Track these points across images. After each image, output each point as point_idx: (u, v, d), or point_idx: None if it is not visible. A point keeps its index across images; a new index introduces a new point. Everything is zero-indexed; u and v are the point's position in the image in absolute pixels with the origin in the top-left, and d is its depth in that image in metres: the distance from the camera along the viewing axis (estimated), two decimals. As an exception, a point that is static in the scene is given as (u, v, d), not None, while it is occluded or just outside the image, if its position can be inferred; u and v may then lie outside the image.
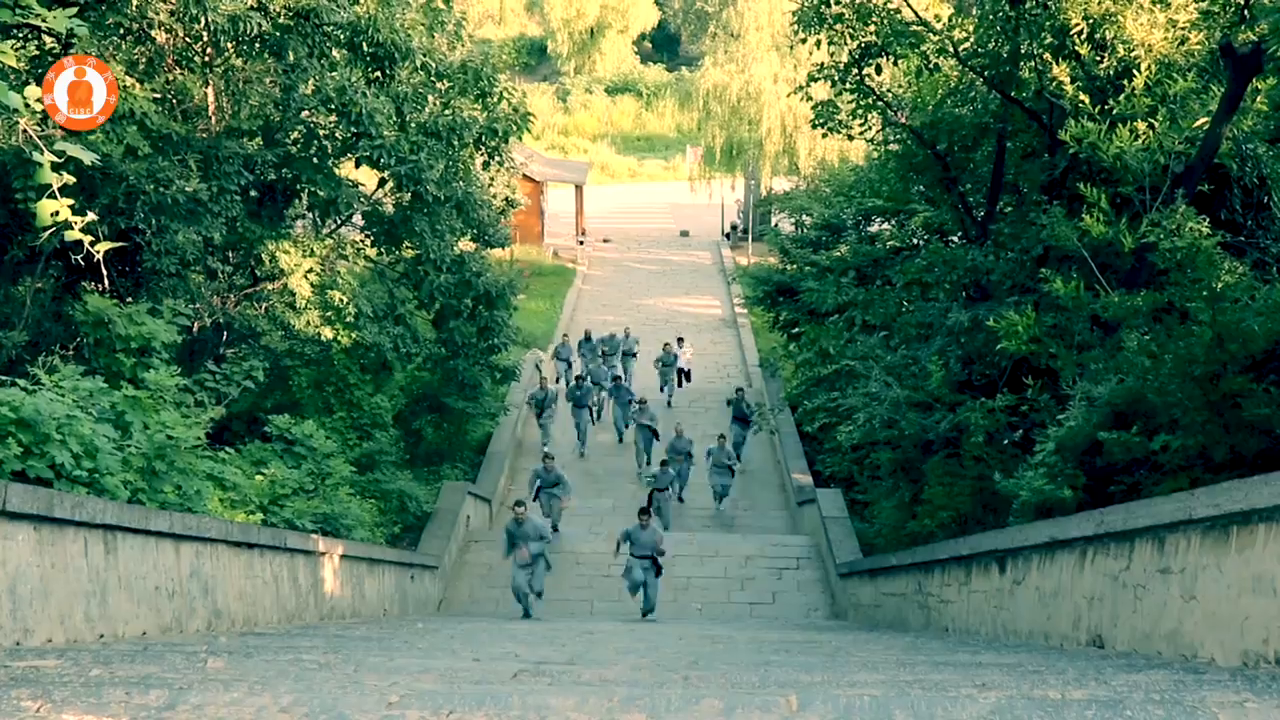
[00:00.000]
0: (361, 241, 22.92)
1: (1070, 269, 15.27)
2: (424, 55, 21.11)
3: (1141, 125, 14.80)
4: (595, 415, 31.18)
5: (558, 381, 33.27)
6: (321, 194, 21.02)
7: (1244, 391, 11.14)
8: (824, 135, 21.88)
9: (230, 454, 15.80)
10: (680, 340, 35.48)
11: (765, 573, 22.40)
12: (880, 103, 19.97)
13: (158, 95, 17.70)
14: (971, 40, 17.78)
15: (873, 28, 18.42)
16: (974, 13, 18.22)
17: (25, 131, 13.15)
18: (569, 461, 28.75)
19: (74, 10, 8.41)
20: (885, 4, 18.30)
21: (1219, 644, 6.72)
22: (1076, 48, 16.01)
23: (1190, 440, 11.54)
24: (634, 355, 35.34)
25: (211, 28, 17.38)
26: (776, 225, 41.42)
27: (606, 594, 21.28)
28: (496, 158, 23.92)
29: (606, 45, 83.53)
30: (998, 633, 11.76)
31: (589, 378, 30.91)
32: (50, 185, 7.48)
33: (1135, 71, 15.53)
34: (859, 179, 28.73)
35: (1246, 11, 14.39)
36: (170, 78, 18.92)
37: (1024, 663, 7.68)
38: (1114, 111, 15.44)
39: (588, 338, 35.34)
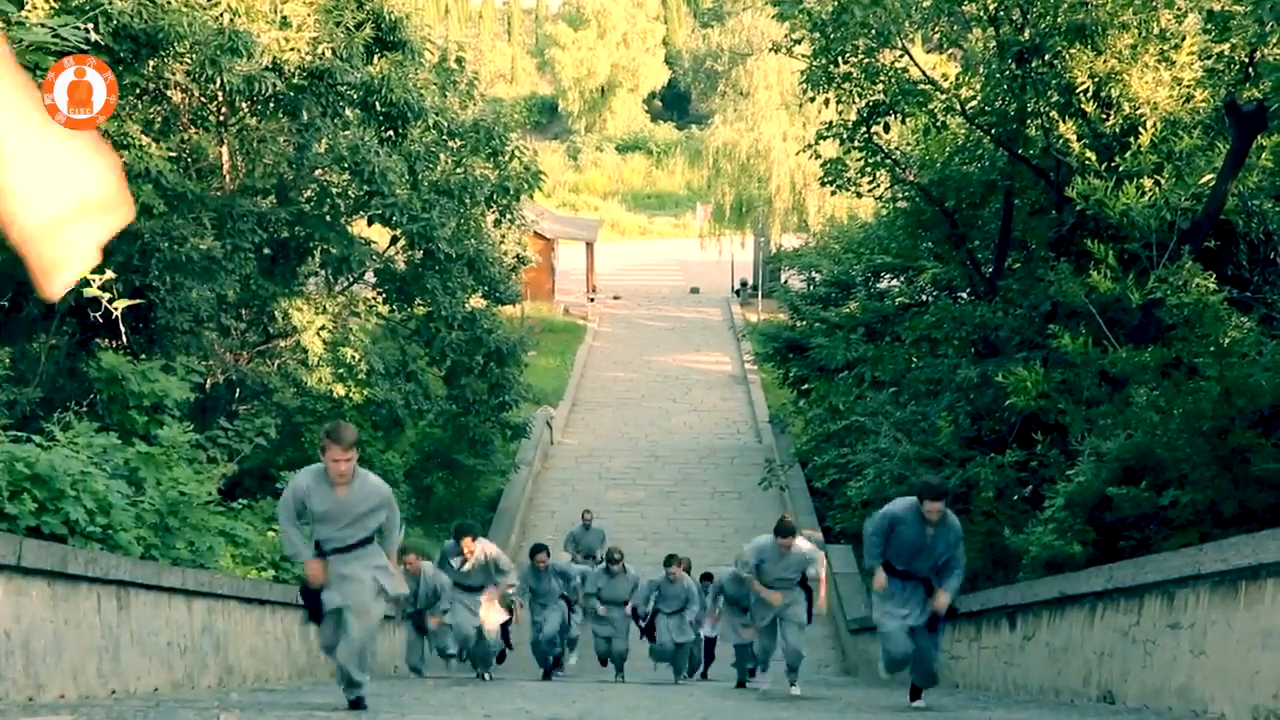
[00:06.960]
0: (374, 299, 23.03)
1: (1078, 325, 15.31)
2: (436, 114, 21.34)
3: (1148, 182, 14.89)
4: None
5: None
6: (334, 251, 21.16)
7: (1252, 446, 11.16)
8: (833, 193, 21.97)
9: (242, 510, 15.82)
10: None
11: (776, 629, 22.20)
12: (888, 160, 20.09)
13: (173, 154, 17.88)
14: (979, 98, 17.91)
15: (881, 86, 18.56)
16: (981, 71, 18.35)
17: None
18: None
19: (93, 72, 8.55)
20: (893, 63, 18.43)
21: (1229, 699, 6.72)
22: (1083, 106, 16.12)
23: (1199, 495, 11.54)
24: (594, 557, 21.27)
25: (227, 88, 17.57)
26: (786, 282, 41.45)
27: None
28: (508, 215, 24.16)
29: (617, 104, 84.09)
30: (1008, 688, 11.73)
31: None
32: (69, 244, 7.57)
33: (1141, 129, 15.65)
34: (868, 236, 28.76)
35: (1250, 70, 14.52)
36: (185, 137, 19.13)
37: (1034, 719, 7.68)
38: (1120, 168, 15.53)
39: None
